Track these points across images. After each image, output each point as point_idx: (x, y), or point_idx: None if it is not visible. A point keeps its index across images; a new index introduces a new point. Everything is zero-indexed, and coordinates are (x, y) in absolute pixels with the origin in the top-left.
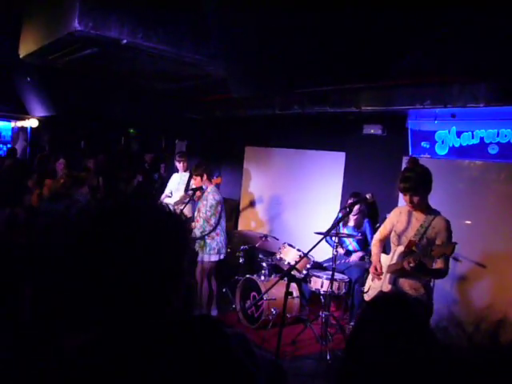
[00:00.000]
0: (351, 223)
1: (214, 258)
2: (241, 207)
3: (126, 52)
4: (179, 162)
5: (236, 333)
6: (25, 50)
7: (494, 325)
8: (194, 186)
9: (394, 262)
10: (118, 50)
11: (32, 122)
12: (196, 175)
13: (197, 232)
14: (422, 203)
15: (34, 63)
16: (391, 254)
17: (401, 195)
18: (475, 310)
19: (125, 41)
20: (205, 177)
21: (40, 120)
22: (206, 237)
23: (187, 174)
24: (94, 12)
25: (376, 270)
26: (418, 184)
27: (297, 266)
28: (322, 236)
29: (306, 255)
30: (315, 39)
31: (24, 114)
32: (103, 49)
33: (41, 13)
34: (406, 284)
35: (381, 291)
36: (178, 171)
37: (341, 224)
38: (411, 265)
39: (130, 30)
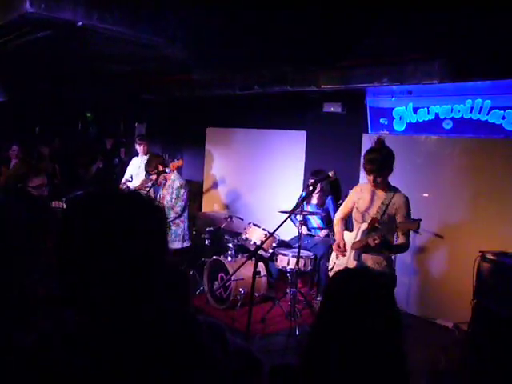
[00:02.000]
0: (314, 201)
1: (176, 246)
2: (204, 189)
3: (81, 34)
4: (139, 144)
5: (211, 322)
6: None
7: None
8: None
9: (358, 239)
10: (73, 32)
11: None
12: (152, 172)
13: None
14: (384, 182)
15: None
16: (355, 231)
17: (362, 172)
18: (434, 279)
19: (80, 23)
20: (160, 168)
21: None
22: (172, 223)
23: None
24: None
25: (339, 247)
26: (383, 166)
27: (263, 246)
28: (286, 215)
29: (272, 234)
30: (275, 22)
31: None
32: (57, 31)
33: None
34: (369, 259)
35: (346, 267)
36: (138, 155)
37: (304, 202)
38: (376, 241)
39: (85, 11)
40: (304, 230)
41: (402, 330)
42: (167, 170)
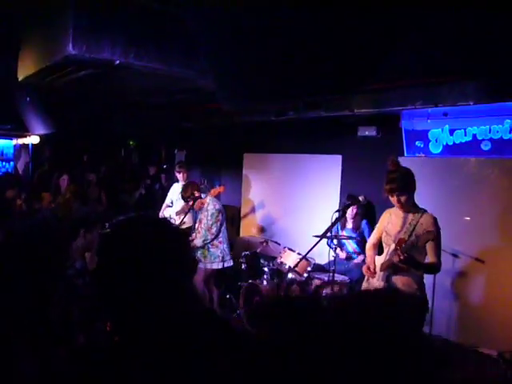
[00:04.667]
0: (349, 225)
1: (217, 266)
2: (242, 214)
3: (119, 71)
4: (179, 172)
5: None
6: (23, 73)
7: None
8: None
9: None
10: (112, 70)
11: (33, 139)
12: (188, 198)
13: (199, 241)
14: (409, 202)
15: (33, 85)
16: (384, 254)
17: None
18: (475, 305)
19: (117, 61)
20: (196, 194)
21: (41, 137)
22: (210, 246)
23: None
24: (86, 35)
25: (369, 269)
26: (403, 184)
27: (297, 269)
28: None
29: (304, 257)
30: (303, 51)
31: (25, 131)
32: (97, 69)
33: (38, 37)
34: (398, 281)
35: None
36: (178, 181)
37: (339, 226)
38: (401, 257)
39: (122, 50)
40: (343, 254)
41: None
42: (202, 196)
